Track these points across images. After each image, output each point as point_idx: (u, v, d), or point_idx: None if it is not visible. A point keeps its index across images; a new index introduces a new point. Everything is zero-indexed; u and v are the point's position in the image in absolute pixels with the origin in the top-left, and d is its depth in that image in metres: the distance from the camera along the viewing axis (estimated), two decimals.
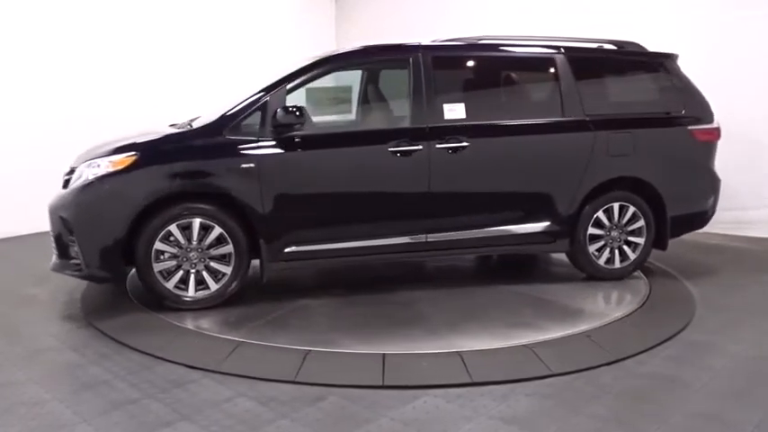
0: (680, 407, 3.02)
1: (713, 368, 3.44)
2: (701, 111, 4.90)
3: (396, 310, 4.23)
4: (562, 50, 4.72)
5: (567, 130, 4.63)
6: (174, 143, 4.22)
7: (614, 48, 5.01)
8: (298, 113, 4.10)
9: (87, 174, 4.07)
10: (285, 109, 4.11)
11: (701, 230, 5.21)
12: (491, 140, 4.51)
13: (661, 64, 4.91)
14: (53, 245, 4.24)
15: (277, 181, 4.15)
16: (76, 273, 4.13)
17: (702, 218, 5.04)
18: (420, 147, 4.30)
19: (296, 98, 4.40)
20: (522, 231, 4.60)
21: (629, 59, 5.01)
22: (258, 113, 4.18)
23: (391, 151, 4.29)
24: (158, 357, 3.52)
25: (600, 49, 4.96)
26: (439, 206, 4.44)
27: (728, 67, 6.16)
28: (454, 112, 4.41)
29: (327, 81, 4.74)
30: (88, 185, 4.03)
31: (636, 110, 4.82)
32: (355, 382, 3.21)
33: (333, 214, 4.33)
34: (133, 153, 4.05)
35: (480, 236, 4.51)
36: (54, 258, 4.25)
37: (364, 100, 5.26)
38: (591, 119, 4.63)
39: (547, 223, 4.62)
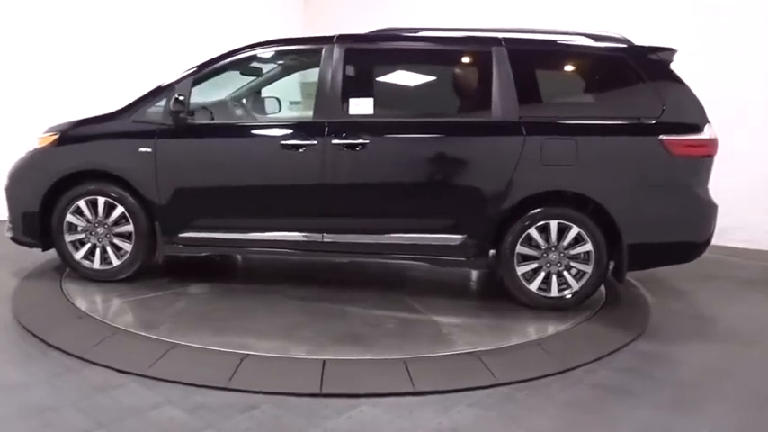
0: (627, 418, 2.93)
1: (663, 379, 3.36)
2: (687, 118, 4.06)
3: (339, 314, 4.07)
4: (502, 43, 4.21)
5: (491, 133, 4.13)
6: (87, 126, 4.52)
7: (583, 41, 4.30)
8: (183, 102, 4.23)
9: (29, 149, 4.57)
10: (176, 98, 4.22)
11: None
12: (396, 139, 4.24)
13: (637, 60, 4.11)
14: None
15: (171, 167, 4.32)
16: (7, 234, 4.63)
17: (686, 250, 4.19)
18: (314, 142, 4.16)
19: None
20: (433, 243, 4.18)
21: (593, 54, 4.25)
22: (164, 101, 4.36)
23: (283, 145, 4.18)
24: (86, 360, 3.32)
25: (554, 43, 4.34)
26: (336, 206, 4.24)
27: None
28: (360, 107, 4.20)
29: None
30: (22, 159, 4.58)
31: (593, 113, 4.17)
32: (291, 390, 3.04)
33: (225, 204, 4.37)
34: (56, 133, 4.49)
35: (384, 242, 4.22)
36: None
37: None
38: (525, 121, 4.08)
39: (462, 236, 4.17)
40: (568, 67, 4.44)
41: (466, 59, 4.47)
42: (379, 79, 4.50)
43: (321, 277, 4.89)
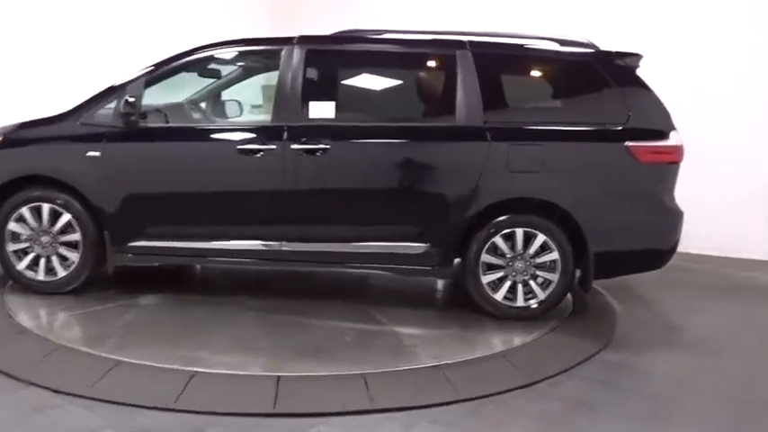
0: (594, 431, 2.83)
1: (630, 390, 3.28)
2: (653, 124, 3.99)
3: (298, 326, 3.90)
4: (467, 46, 4.09)
5: (455, 138, 4.00)
6: (32, 128, 4.28)
7: (550, 46, 4.18)
8: (134, 104, 4.03)
9: None
10: (126, 99, 4.03)
11: None
12: (358, 144, 4.08)
13: (604, 65, 4.03)
14: None
15: (121, 172, 4.10)
16: None
17: (653, 257, 4.11)
18: (273, 146, 3.99)
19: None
20: (396, 251, 4.02)
21: (560, 59, 4.16)
22: (114, 103, 4.14)
23: (240, 150, 4.01)
24: (22, 380, 3.09)
25: (520, 47, 4.22)
26: (295, 213, 4.06)
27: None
28: (322, 110, 4.03)
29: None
30: None
31: (560, 119, 4.10)
32: (243, 410, 2.87)
33: (178, 212, 4.17)
34: (1, 135, 4.25)
35: (345, 251, 4.06)
36: None
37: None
38: (490, 127, 3.96)
39: (426, 245, 4.02)
40: (535, 72, 4.36)
41: (430, 63, 4.36)
42: (341, 82, 4.35)
43: (280, 287, 4.71)
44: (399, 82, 4.40)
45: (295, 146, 4.00)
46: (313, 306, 4.22)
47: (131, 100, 4.03)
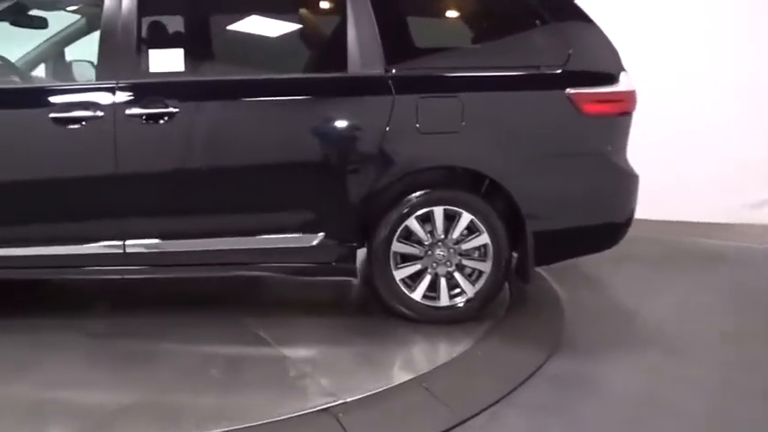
0: None
1: (584, 415, 2.52)
2: (599, 66, 3.20)
3: (147, 356, 2.87)
4: None
5: (347, 93, 3.12)
6: None
7: None
8: None
9: None
10: None
11: None
12: (217, 105, 3.08)
13: None
14: None
15: None
16: None
17: (606, 233, 3.31)
18: (99, 113, 2.93)
19: None
20: (280, 245, 3.07)
21: None
22: None
23: (54, 119, 2.93)
24: None
25: None
26: (138, 202, 3.04)
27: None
28: (166, 61, 3.00)
29: None
30: None
31: (482, 63, 3.20)
32: None
33: None
34: None
35: (210, 248, 3.06)
36: None
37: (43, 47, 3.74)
38: (393, 75, 3.07)
39: (319, 235, 3.10)
40: (449, 4, 3.42)
41: None
42: (191, 22, 3.28)
43: (132, 299, 3.61)
44: (270, 21, 3.33)
45: (130, 110, 2.93)
46: (172, 324, 3.17)
47: None
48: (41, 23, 3.77)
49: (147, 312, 3.36)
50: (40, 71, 3.78)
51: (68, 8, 3.82)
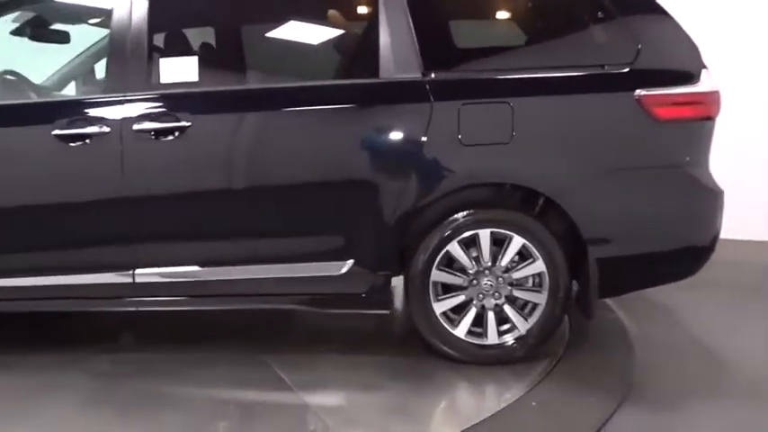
0: None
1: None
2: (675, 63, 2.77)
3: (154, 400, 2.55)
4: None
5: (379, 100, 2.77)
6: None
7: None
8: None
9: None
10: None
11: None
12: (234, 118, 2.79)
13: None
14: None
15: None
16: None
17: (684, 260, 2.86)
18: (105, 129, 2.65)
19: None
20: (305, 274, 2.75)
21: None
22: None
23: (57, 136, 2.66)
24: None
25: None
26: (148, 227, 2.76)
27: None
28: (178, 71, 2.74)
29: None
30: None
31: (535, 63, 2.80)
32: None
33: None
34: None
35: (226, 278, 2.76)
36: None
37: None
38: (432, 80, 2.71)
39: (348, 262, 2.75)
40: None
41: None
42: (206, 29, 3.09)
43: (139, 332, 3.33)
44: (293, 25, 3.05)
45: (138, 125, 2.65)
46: (183, 361, 2.85)
47: None
48: (63, 38, 3.58)
49: (156, 347, 3.05)
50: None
51: (90, 21, 3.63)
